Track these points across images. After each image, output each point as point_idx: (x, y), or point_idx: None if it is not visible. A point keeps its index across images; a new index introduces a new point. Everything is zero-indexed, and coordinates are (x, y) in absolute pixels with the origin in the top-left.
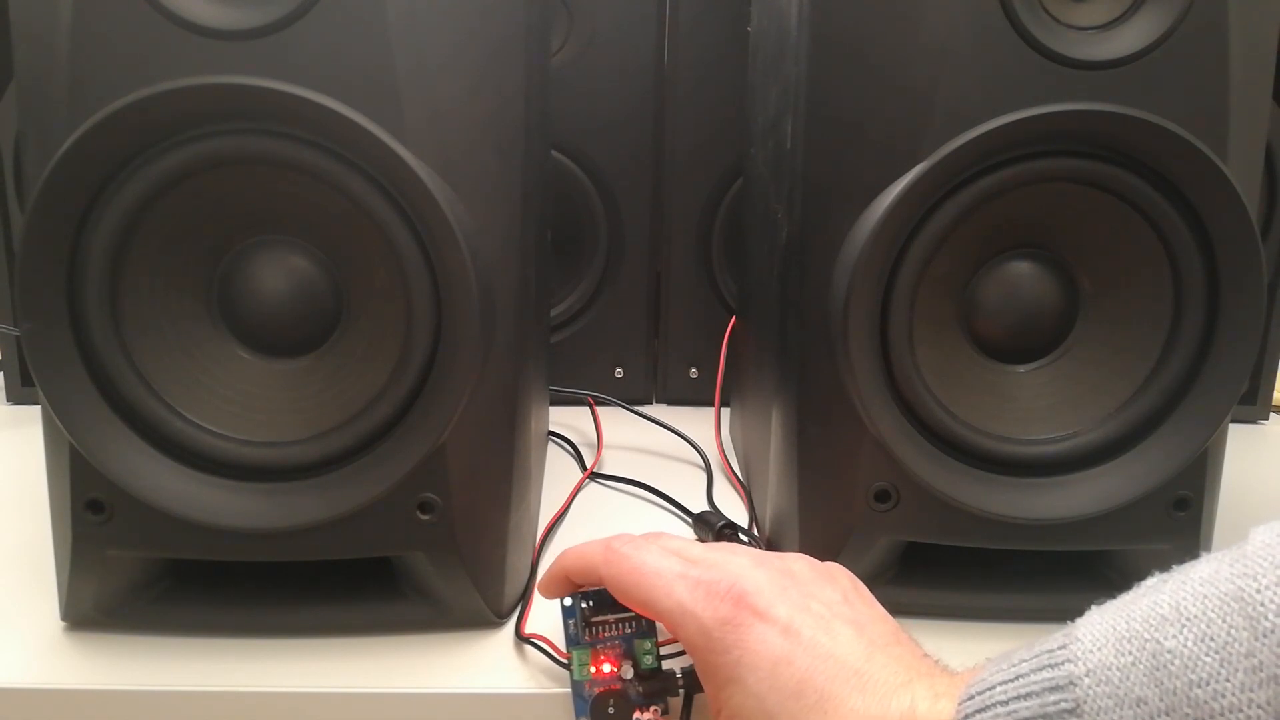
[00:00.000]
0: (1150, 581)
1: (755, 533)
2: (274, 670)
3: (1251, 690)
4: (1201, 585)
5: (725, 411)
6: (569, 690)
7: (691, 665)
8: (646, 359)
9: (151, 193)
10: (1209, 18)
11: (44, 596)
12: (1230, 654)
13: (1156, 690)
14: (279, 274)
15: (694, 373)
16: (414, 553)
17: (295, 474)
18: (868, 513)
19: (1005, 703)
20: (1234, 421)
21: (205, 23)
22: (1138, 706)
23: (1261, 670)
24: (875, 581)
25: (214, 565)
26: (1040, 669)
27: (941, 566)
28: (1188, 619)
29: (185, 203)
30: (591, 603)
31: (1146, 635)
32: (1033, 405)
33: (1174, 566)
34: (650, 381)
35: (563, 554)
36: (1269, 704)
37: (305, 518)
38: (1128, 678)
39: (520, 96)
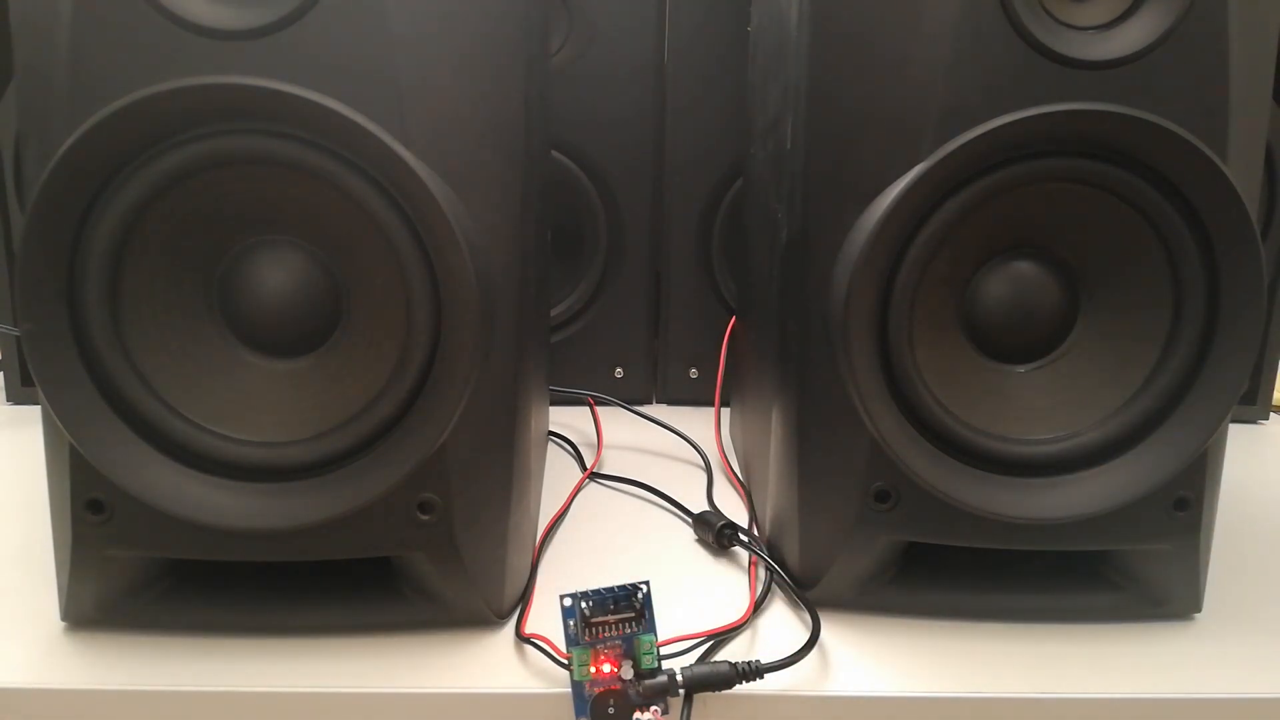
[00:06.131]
0: None
1: (755, 533)
2: (274, 670)
3: None
4: None
5: (725, 411)
6: (569, 690)
7: (692, 665)
8: (646, 359)
9: (152, 192)
10: (1209, 18)
11: (44, 596)
12: None
13: None
14: (279, 274)
15: (694, 373)
16: (414, 553)
17: (295, 474)
18: (868, 513)
19: None
20: (1234, 421)
21: (205, 23)
22: None
23: None
24: (875, 581)
25: (214, 565)
26: None
27: (941, 566)
28: None
29: (185, 203)
30: (591, 603)
31: None
32: (1033, 405)
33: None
34: (650, 381)
35: None
36: None
37: (305, 518)
38: None
39: (520, 96)
